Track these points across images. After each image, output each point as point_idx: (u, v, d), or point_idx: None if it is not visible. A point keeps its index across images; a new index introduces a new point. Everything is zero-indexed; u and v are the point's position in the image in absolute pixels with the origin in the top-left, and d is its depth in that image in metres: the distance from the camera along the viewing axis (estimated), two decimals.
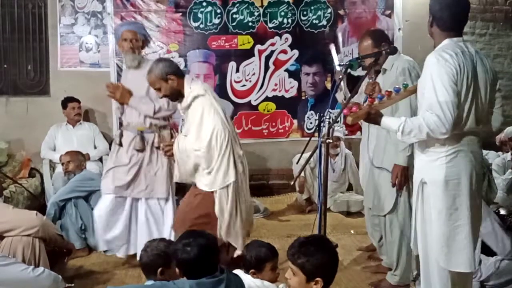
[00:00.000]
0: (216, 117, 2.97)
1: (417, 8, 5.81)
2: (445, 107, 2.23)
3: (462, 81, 2.27)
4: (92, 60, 5.46)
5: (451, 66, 2.26)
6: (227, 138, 2.96)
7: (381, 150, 3.18)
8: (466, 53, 2.33)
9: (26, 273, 2.72)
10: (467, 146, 2.35)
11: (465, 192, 2.34)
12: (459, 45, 2.37)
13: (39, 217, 3.03)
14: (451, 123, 2.23)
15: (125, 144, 3.59)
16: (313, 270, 1.97)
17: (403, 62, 3.08)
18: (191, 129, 3.03)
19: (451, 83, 2.25)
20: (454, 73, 2.25)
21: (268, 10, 5.62)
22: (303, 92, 5.79)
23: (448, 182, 2.34)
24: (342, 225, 4.68)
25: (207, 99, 3.01)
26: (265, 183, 5.74)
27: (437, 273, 2.42)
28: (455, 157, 2.34)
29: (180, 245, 2.07)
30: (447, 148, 2.35)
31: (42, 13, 5.36)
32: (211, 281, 2.01)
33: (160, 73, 3.03)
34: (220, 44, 5.59)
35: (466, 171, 2.34)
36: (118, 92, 3.53)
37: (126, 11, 5.43)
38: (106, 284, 3.30)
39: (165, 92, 3.08)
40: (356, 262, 3.69)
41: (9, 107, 5.37)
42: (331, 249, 2.05)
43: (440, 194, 2.36)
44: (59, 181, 4.53)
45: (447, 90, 2.24)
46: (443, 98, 2.24)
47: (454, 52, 2.30)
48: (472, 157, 2.35)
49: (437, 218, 2.37)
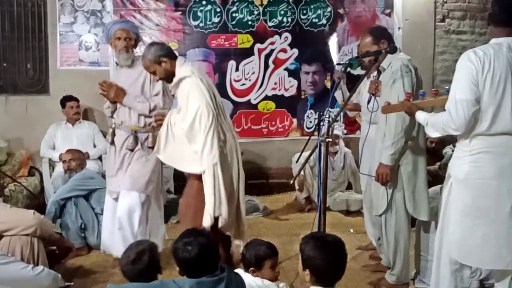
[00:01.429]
0: (201, 98, 3.01)
1: (417, 7, 5.82)
2: (459, 105, 2.28)
3: (484, 81, 2.26)
4: (92, 59, 5.45)
5: (473, 65, 2.27)
6: (210, 120, 3.00)
7: (371, 157, 3.19)
8: (501, 53, 2.28)
9: (25, 272, 2.73)
10: (497, 147, 2.31)
11: (489, 194, 2.32)
12: (499, 44, 2.31)
13: (36, 216, 3.02)
14: (462, 121, 2.27)
15: (118, 143, 3.57)
16: (304, 260, 2.04)
17: (398, 61, 3.06)
18: (181, 109, 3.09)
19: (469, 82, 2.27)
20: (474, 73, 2.26)
21: (268, 9, 5.61)
22: (303, 91, 5.78)
23: (469, 180, 2.36)
24: (342, 224, 4.68)
25: (193, 81, 3.06)
26: (264, 182, 5.74)
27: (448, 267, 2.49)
28: (480, 157, 2.33)
29: (181, 244, 2.07)
30: (472, 147, 2.36)
31: (41, 11, 5.35)
32: (211, 280, 2.01)
33: (153, 56, 3.12)
34: (220, 42, 5.59)
35: (493, 174, 2.31)
36: (112, 90, 3.50)
37: (125, 10, 5.42)
38: (106, 283, 3.29)
39: (160, 74, 3.17)
40: (356, 261, 3.69)
41: (8, 106, 5.37)
42: (333, 253, 2.03)
43: (460, 191, 2.40)
44: (59, 180, 4.52)
45: (464, 89, 2.28)
46: (458, 96, 2.29)
47: (484, 52, 2.29)
48: (504, 160, 2.30)
49: (455, 213, 2.41)
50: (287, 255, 3.81)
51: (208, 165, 3.02)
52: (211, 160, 3.02)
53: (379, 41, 3.14)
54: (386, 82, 3.07)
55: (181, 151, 3.11)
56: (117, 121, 3.62)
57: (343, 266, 2.05)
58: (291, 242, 4.11)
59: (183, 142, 3.07)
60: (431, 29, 5.89)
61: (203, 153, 3.02)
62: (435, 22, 5.89)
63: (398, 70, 3.00)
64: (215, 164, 3.02)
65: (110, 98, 3.56)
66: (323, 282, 2.02)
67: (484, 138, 2.33)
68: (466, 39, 5.94)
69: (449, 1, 5.90)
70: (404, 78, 2.97)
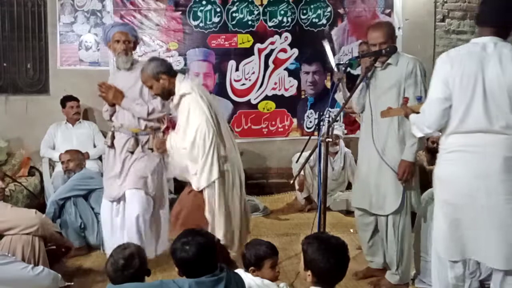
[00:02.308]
0: (201, 116, 2.99)
1: (417, 7, 5.82)
2: (431, 103, 2.39)
3: (454, 80, 2.31)
4: (92, 59, 5.45)
5: (444, 65, 2.35)
6: (210, 137, 2.98)
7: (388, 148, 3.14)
8: (474, 52, 2.32)
9: (25, 272, 2.73)
10: (470, 146, 2.34)
11: (463, 191, 2.35)
12: (475, 44, 2.36)
13: (38, 215, 3.03)
14: (433, 118, 2.37)
15: (119, 146, 3.55)
16: (307, 261, 2.05)
17: (413, 61, 3.07)
18: (180, 127, 3.08)
19: (439, 82, 2.35)
20: (445, 72, 2.34)
21: (268, 9, 5.61)
22: (303, 91, 5.78)
23: (443, 178, 2.43)
24: (342, 224, 4.69)
25: (193, 98, 3.04)
26: (264, 182, 5.74)
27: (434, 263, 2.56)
28: (454, 155, 2.38)
29: (179, 244, 2.07)
30: (447, 145, 2.41)
31: (41, 11, 5.35)
32: (211, 280, 2.01)
33: (152, 72, 3.10)
34: (220, 42, 5.58)
35: (465, 171, 2.34)
36: (110, 92, 3.49)
37: (125, 10, 5.42)
38: (105, 282, 3.28)
39: (156, 91, 3.15)
40: (356, 261, 3.68)
41: (8, 106, 5.37)
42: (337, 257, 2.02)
43: (438, 188, 2.47)
44: (59, 180, 4.52)
45: (435, 88, 2.38)
46: (430, 95, 2.41)
47: (457, 52, 2.36)
48: (477, 158, 2.32)
49: (435, 210, 2.50)
50: (287, 255, 3.81)
51: (208, 182, 3.02)
52: (210, 178, 3.01)
53: (392, 38, 3.13)
54: (398, 80, 3.06)
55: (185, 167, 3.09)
56: (116, 124, 3.60)
57: (345, 269, 2.05)
58: (291, 242, 4.11)
59: (185, 158, 3.06)
60: (431, 29, 5.89)
61: (204, 170, 3.01)
62: (435, 22, 5.89)
63: (419, 72, 3.03)
64: (214, 182, 3.03)
65: (108, 100, 3.56)
66: (324, 283, 2.02)
67: (458, 136, 2.37)
68: (466, 39, 5.92)
69: (449, 1, 5.90)
70: (425, 82, 2.99)
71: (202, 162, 3.00)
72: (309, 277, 2.03)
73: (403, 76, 3.04)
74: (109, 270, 2.25)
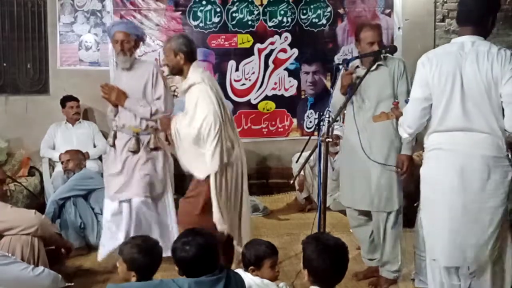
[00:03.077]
0: (209, 106, 3.01)
1: (417, 7, 5.82)
2: (410, 104, 2.45)
3: (433, 79, 2.36)
4: (92, 59, 5.45)
5: (423, 66, 2.41)
6: (217, 129, 2.99)
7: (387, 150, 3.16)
8: (451, 52, 2.36)
9: (25, 272, 2.73)
10: (449, 144, 2.37)
11: (443, 189, 2.38)
12: (453, 44, 2.42)
13: (37, 216, 3.03)
14: (413, 118, 2.43)
15: (119, 146, 3.55)
16: (304, 259, 2.07)
17: (399, 63, 3.15)
18: (187, 114, 3.10)
19: (419, 82, 2.41)
20: (424, 72, 2.40)
21: (268, 9, 5.61)
22: (303, 91, 5.78)
23: (425, 177, 2.48)
24: (342, 224, 4.68)
25: (202, 88, 3.05)
26: (264, 182, 5.74)
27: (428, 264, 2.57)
28: (434, 153, 2.42)
29: (179, 243, 2.08)
30: (428, 144, 2.47)
31: (41, 11, 5.35)
32: (210, 280, 2.01)
33: (175, 46, 3.15)
34: (220, 42, 5.59)
35: (445, 169, 2.36)
36: (113, 93, 3.48)
37: (125, 10, 5.42)
38: (106, 282, 3.30)
39: (169, 62, 3.19)
40: (356, 261, 3.68)
41: (8, 106, 5.37)
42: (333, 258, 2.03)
43: (422, 186, 2.51)
44: (59, 180, 4.53)
45: (415, 89, 2.44)
46: (411, 95, 2.47)
47: (435, 52, 2.42)
48: (455, 156, 2.35)
49: (421, 209, 2.55)
50: (287, 255, 3.81)
51: (211, 172, 3.03)
52: (212, 168, 3.02)
53: (381, 37, 3.18)
54: (385, 81, 3.11)
55: (188, 153, 3.11)
56: (118, 124, 3.60)
57: (343, 270, 2.05)
58: (291, 242, 4.11)
59: (190, 144, 3.07)
60: (431, 29, 5.89)
61: (206, 161, 3.03)
62: (435, 22, 5.89)
63: (403, 70, 3.13)
64: (215, 172, 3.03)
65: (111, 101, 3.55)
66: (322, 283, 2.02)
67: (438, 135, 2.41)
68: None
69: (449, 1, 5.90)
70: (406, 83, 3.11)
71: (207, 151, 3.01)
72: (306, 276, 2.05)
73: (396, 76, 3.12)
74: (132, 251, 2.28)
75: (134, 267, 2.25)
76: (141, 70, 3.50)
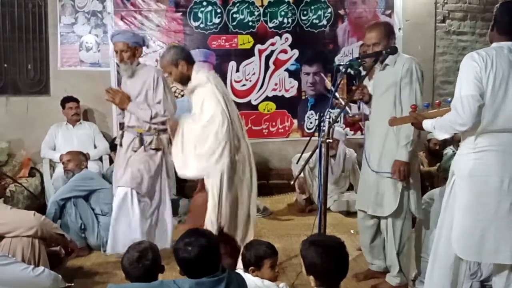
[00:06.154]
0: (216, 106, 3.03)
1: (417, 8, 5.82)
2: (464, 100, 2.32)
3: (488, 79, 2.31)
4: (92, 60, 5.46)
5: (476, 63, 2.33)
6: (225, 128, 3.00)
7: (379, 155, 3.15)
8: (502, 54, 2.34)
9: (26, 273, 2.72)
10: (500, 145, 2.35)
11: (491, 190, 2.36)
12: (500, 47, 2.39)
13: (37, 217, 3.01)
14: (468, 115, 2.31)
15: (125, 145, 3.72)
16: (307, 266, 2.05)
17: (409, 61, 3.05)
18: (195, 117, 3.11)
19: (473, 79, 2.32)
20: (478, 70, 2.32)
21: (268, 10, 5.62)
22: (303, 92, 5.79)
23: (473, 177, 2.40)
24: (342, 225, 4.68)
25: (209, 88, 3.07)
26: (265, 183, 5.72)
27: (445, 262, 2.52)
28: (484, 154, 2.38)
29: (182, 244, 2.08)
30: (476, 145, 2.40)
31: (42, 12, 5.36)
32: (211, 281, 2.01)
33: (171, 59, 3.18)
34: (220, 43, 5.59)
35: (496, 170, 2.35)
36: (117, 97, 3.64)
37: (126, 11, 5.43)
38: (106, 283, 3.29)
39: (175, 76, 3.22)
40: (356, 262, 3.68)
41: (9, 107, 5.37)
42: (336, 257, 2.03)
43: (464, 187, 2.43)
44: (59, 181, 4.53)
45: (469, 85, 2.33)
46: (463, 92, 2.33)
47: (486, 52, 2.35)
48: (506, 157, 2.34)
49: (458, 209, 2.44)
50: (287, 256, 3.81)
51: (216, 172, 3.03)
52: (219, 168, 3.02)
53: (389, 37, 3.10)
54: (394, 80, 3.05)
55: (185, 157, 3.11)
56: (125, 124, 3.78)
57: (346, 266, 2.06)
58: (291, 242, 4.11)
59: (190, 148, 3.08)
60: (431, 30, 5.90)
61: (210, 160, 3.02)
62: (435, 23, 5.89)
63: (414, 71, 3.02)
64: (222, 172, 3.03)
65: (116, 104, 3.74)
66: (328, 284, 2.03)
67: (488, 136, 2.37)
68: (467, 40, 5.94)
69: (450, 2, 5.90)
70: (420, 83, 3.01)
71: (210, 151, 3.02)
72: (312, 282, 2.04)
73: (400, 76, 3.03)
74: (125, 264, 2.35)
75: (131, 279, 2.34)
76: (143, 75, 3.64)
